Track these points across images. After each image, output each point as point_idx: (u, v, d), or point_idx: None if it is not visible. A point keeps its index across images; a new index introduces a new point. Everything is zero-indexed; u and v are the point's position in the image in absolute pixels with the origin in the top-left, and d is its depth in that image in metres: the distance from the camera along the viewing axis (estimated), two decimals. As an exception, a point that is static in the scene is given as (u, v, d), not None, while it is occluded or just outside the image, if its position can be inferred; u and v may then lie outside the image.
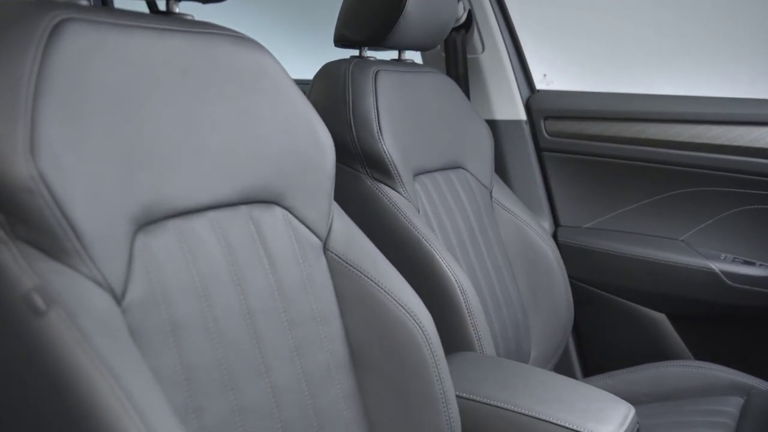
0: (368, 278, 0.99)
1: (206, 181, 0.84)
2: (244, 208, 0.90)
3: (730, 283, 1.72)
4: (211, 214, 0.85)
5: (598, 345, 1.93)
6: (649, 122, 1.82)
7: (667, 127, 1.80)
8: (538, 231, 1.76)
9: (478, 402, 1.10)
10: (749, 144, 1.72)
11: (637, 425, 1.12)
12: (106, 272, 0.69)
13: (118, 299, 0.71)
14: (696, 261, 1.76)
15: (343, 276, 1.00)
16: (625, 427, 1.08)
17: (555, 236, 1.92)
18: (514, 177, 1.93)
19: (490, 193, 1.74)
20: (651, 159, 1.82)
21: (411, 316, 0.98)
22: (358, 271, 1.00)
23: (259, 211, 0.91)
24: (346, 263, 1.00)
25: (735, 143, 1.74)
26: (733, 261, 1.75)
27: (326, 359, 0.94)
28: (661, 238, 1.84)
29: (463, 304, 1.28)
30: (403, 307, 0.98)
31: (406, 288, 1.01)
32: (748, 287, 1.71)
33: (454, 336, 1.28)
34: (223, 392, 0.80)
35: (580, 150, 1.89)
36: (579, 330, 1.91)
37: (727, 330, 1.78)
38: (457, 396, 1.11)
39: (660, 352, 1.80)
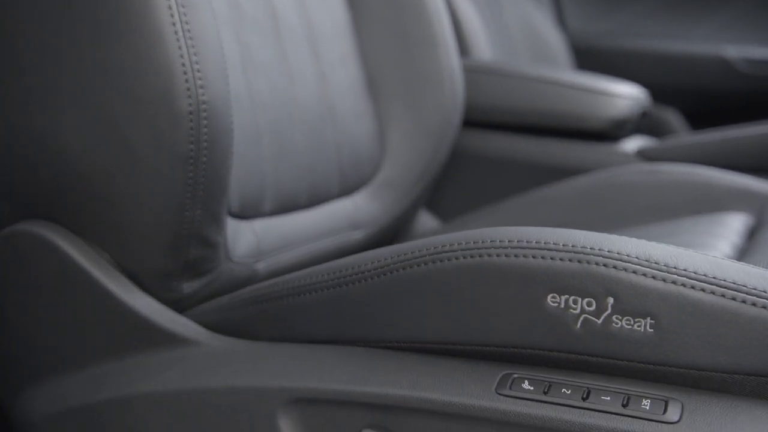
0: None
1: None
2: None
3: (743, 70, 1.67)
4: None
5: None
6: None
7: None
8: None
9: (482, 72, 1.04)
10: None
11: (650, 106, 1.07)
12: None
13: None
14: (707, 49, 1.70)
15: None
16: (639, 91, 1.03)
17: (561, 40, 1.86)
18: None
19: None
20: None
21: None
22: None
23: None
24: None
25: None
26: (747, 46, 1.69)
27: None
28: (672, 34, 1.78)
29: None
30: None
31: None
32: (761, 73, 1.66)
33: None
34: None
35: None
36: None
37: (740, 121, 1.72)
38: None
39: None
